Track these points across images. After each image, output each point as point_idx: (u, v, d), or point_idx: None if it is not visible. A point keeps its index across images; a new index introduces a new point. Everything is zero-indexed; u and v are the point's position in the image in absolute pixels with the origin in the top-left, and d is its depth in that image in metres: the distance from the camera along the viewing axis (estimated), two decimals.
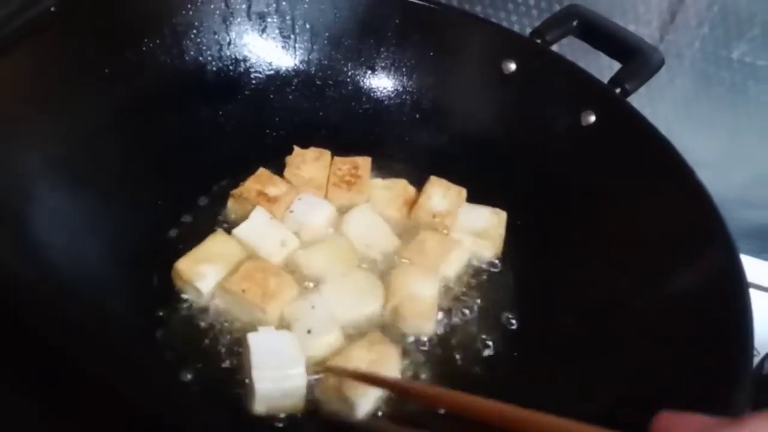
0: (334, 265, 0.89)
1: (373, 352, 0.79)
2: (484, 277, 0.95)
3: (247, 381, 0.77)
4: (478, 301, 0.92)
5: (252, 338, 0.77)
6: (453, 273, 0.93)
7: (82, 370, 0.68)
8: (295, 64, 1.10)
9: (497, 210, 0.99)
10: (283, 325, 0.83)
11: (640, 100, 0.96)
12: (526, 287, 0.94)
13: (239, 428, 0.76)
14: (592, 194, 0.94)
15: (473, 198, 1.01)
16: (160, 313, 0.84)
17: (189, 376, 0.78)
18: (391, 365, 0.79)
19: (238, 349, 0.81)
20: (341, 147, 1.05)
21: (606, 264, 0.88)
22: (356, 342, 0.81)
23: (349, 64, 1.12)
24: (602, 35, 1.03)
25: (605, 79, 0.98)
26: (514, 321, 0.90)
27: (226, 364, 0.80)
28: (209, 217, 0.96)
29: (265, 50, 1.09)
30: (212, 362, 0.80)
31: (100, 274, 0.82)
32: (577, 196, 0.96)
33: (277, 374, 0.75)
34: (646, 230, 0.86)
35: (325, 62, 1.11)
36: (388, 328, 0.86)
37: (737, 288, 0.73)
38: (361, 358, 0.78)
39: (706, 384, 0.67)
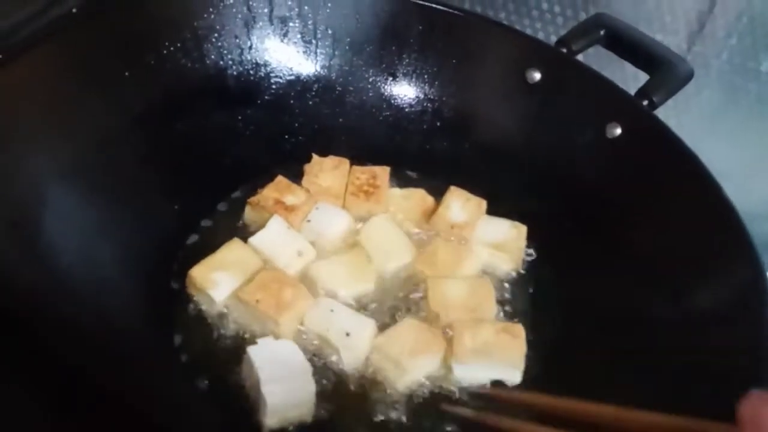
0: (350, 279, 0.88)
1: (499, 337, 0.82)
2: (502, 289, 0.93)
3: (252, 394, 0.76)
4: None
5: (253, 352, 0.76)
6: None
7: (96, 376, 0.68)
8: (316, 70, 1.09)
9: (517, 223, 0.97)
10: (319, 337, 0.82)
11: (665, 111, 0.94)
12: (545, 301, 0.92)
13: None
14: (616, 208, 0.93)
15: (493, 210, 0.99)
16: (177, 321, 0.83)
17: (202, 385, 0.78)
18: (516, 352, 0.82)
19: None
20: (361, 154, 1.04)
21: (628, 279, 0.86)
22: (486, 322, 0.85)
23: (371, 71, 1.10)
24: (629, 45, 1.01)
25: (632, 90, 0.96)
26: (532, 332, 0.87)
27: (239, 373, 0.79)
28: (228, 224, 0.96)
29: (286, 55, 1.08)
30: (225, 371, 0.79)
31: (116, 279, 0.82)
32: (600, 210, 0.94)
33: (286, 386, 0.74)
34: (671, 245, 0.85)
35: (346, 68, 1.10)
36: None
37: (763, 303, 0.71)
38: (488, 335, 0.82)
39: (731, 399, 0.66)
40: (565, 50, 1.02)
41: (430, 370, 0.82)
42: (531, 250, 0.97)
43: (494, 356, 0.81)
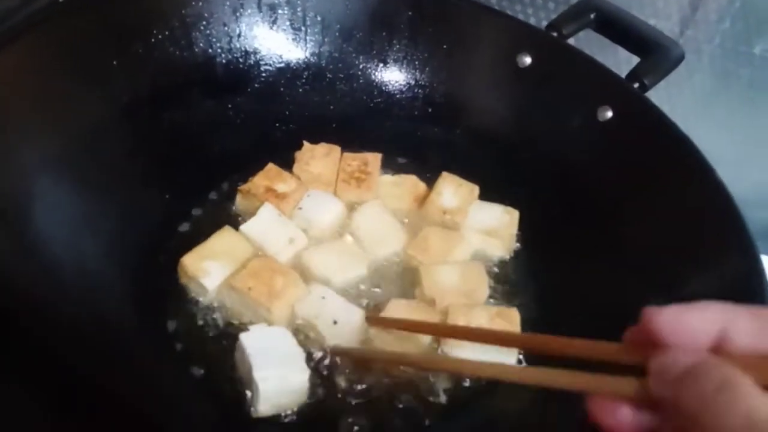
0: (343, 265, 0.88)
1: (494, 322, 0.82)
2: (494, 275, 0.93)
3: (245, 381, 0.76)
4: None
5: (246, 339, 0.76)
6: None
7: (88, 368, 0.68)
8: (306, 57, 1.09)
9: (509, 209, 0.97)
10: (305, 323, 0.82)
11: (657, 96, 0.94)
12: (536, 288, 0.92)
13: (244, 428, 0.75)
14: (608, 193, 0.92)
15: (485, 195, 0.99)
16: (169, 310, 0.83)
17: (196, 373, 0.77)
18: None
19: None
20: (351, 141, 1.03)
21: (621, 265, 0.86)
22: (481, 306, 0.85)
23: (361, 57, 1.10)
24: (620, 28, 1.01)
25: (623, 74, 0.96)
26: (524, 319, 0.87)
27: (232, 361, 0.78)
28: (220, 213, 0.95)
29: (276, 42, 1.07)
30: (218, 359, 0.79)
31: (107, 270, 0.81)
32: (592, 195, 0.94)
33: (279, 372, 0.73)
34: (664, 231, 0.84)
35: (336, 55, 1.09)
36: None
37: (758, 292, 0.71)
38: (483, 320, 0.82)
39: None
40: (555, 34, 1.01)
41: (423, 345, 0.82)
42: (523, 236, 0.96)
43: None
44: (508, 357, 0.81)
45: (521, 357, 0.82)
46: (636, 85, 0.93)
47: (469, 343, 0.80)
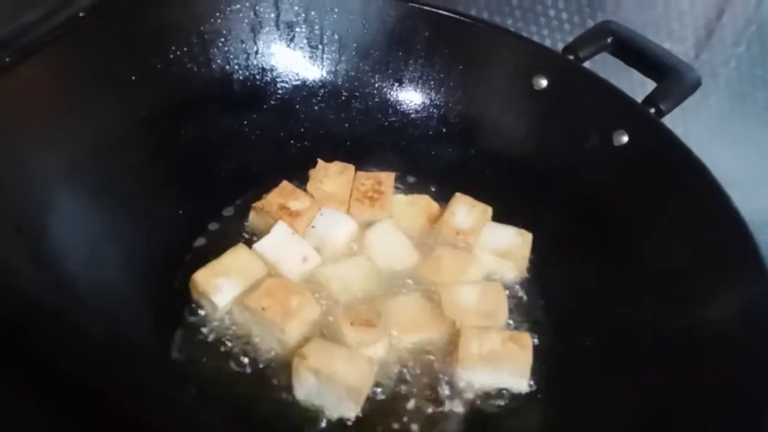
0: (355, 284, 0.88)
1: (506, 346, 0.81)
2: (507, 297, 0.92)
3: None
4: None
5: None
6: None
7: (96, 379, 0.68)
8: (322, 75, 1.09)
9: (523, 231, 0.96)
10: None
11: (672, 119, 0.94)
12: (549, 310, 0.92)
13: None
14: (621, 216, 0.92)
15: (499, 217, 0.99)
16: (179, 325, 0.83)
17: (199, 390, 0.77)
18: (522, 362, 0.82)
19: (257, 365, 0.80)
20: (366, 160, 1.04)
21: (635, 288, 0.86)
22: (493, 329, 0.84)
23: (377, 76, 1.10)
24: (637, 53, 1.01)
25: (639, 98, 0.95)
26: (536, 341, 0.87)
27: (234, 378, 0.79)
28: (234, 229, 0.95)
29: (293, 60, 1.08)
30: (225, 376, 0.79)
31: (120, 283, 0.82)
32: (606, 219, 0.94)
33: None
34: (678, 254, 0.84)
35: (353, 74, 1.10)
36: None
37: None
38: (495, 343, 0.81)
39: (737, 412, 0.66)
40: (572, 57, 1.01)
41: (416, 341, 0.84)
42: (536, 258, 0.96)
43: (500, 365, 0.81)
44: (519, 382, 0.82)
45: (531, 383, 0.82)
46: (652, 111, 0.93)
47: (483, 365, 0.80)
